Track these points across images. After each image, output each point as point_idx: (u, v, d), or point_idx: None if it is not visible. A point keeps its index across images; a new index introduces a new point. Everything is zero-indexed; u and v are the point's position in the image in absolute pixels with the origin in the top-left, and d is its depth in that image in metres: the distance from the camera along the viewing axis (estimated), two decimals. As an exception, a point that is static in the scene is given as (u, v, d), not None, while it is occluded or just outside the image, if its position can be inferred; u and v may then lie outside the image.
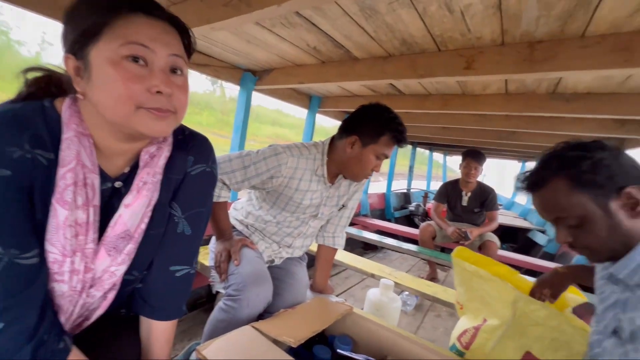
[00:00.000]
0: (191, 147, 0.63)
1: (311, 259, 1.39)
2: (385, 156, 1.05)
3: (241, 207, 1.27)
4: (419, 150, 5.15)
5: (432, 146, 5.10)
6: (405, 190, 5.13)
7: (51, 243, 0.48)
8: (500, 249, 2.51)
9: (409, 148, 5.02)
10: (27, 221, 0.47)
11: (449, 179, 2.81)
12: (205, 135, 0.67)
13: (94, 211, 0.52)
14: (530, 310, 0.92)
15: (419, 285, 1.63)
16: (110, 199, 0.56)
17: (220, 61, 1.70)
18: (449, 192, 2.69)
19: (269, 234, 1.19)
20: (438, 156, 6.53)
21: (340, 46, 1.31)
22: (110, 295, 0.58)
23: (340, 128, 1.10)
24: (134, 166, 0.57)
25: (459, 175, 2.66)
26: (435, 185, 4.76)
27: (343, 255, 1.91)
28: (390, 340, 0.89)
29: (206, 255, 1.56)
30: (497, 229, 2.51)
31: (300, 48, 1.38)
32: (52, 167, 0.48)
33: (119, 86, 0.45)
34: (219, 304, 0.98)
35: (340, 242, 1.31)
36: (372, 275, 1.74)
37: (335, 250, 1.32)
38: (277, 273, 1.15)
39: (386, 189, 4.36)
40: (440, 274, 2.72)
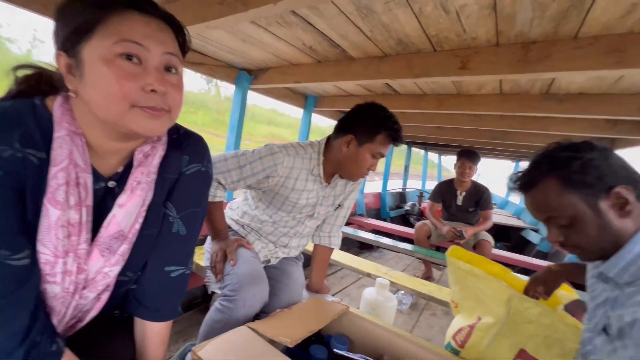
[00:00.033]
0: (186, 147, 0.62)
1: (307, 259, 1.38)
2: (381, 155, 1.05)
3: (237, 207, 1.26)
4: (414, 150, 5.18)
5: (427, 146, 5.13)
6: (401, 190, 5.15)
7: (43, 244, 0.48)
8: (495, 247, 2.53)
9: (404, 148, 5.05)
10: (18, 221, 0.46)
11: (444, 179, 2.83)
12: (200, 134, 0.66)
13: (86, 211, 0.51)
14: (524, 308, 0.93)
15: (414, 284, 1.64)
16: (104, 199, 0.55)
17: (215, 60, 1.69)
18: (444, 192, 2.71)
19: (265, 233, 1.18)
20: (433, 156, 6.57)
21: (336, 46, 1.31)
22: (104, 297, 0.57)
23: (336, 127, 1.10)
24: (127, 165, 0.57)
25: (453, 175, 2.68)
26: (430, 185, 4.80)
27: (339, 255, 1.91)
28: (387, 339, 0.90)
29: (201, 255, 1.55)
30: (491, 228, 2.54)
31: (296, 47, 1.38)
32: (44, 167, 0.47)
33: (112, 84, 0.44)
34: (215, 305, 0.97)
35: (337, 242, 1.31)
36: (368, 275, 1.74)
37: (331, 250, 1.32)
38: (273, 273, 1.15)
39: (382, 188, 4.38)
40: (435, 272, 2.74)
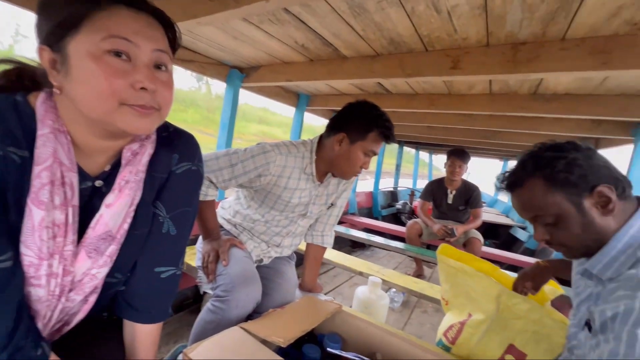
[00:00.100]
0: (176, 145, 0.61)
1: (300, 258, 1.38)
2: (374, 153, 1.06)
3: (229, 206, 1.25)
4: (405, 149, 5.22)
5: (419, 145, 5.18)
6: (392, 189, 5.19)
7: (26, 245, 0.46)
8: (484, 245, 2.58)
9: (396, 147, 5.09)
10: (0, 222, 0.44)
11: (435, 178, 2.86)
12: (190, 132, 0.65)
13: (73, 211, 0.49)
14: (512, 304, 0.95)
15: (406, 282, 1.65)
16: (91, 198, 0.54)
17: (206, 57, 1.67)
18: (435, 191, 2.74)
19: (258, 233, 1.18)
20: (424, 155, 6.64)
21: (328, 44, 1.30)
22: (92, 299, 0.56)
23: (328, 126, 1.10)
24: (115, 164, 0.55)
25: (444, 174, 2.72)
26: (421, 184, 4.85)
27: (331, 254, 1.92)
28: (379, 337, 0.90)
29: (193, 255, 1.53)
30: (481, 226, 2.58)
31: (289, 45, 1.37)
32: (27, 166, 0.46)
33: (100, 81, 0.43)
34: (207, 305, 0.96)
35: (329, 241, 1.31)
36: (360, 273, 1.75)
37: (324, 249, 1.32)
38: (266, 272, 1.14)
39: (373, 187, 4.41)
40: (426, 270, 2.77)
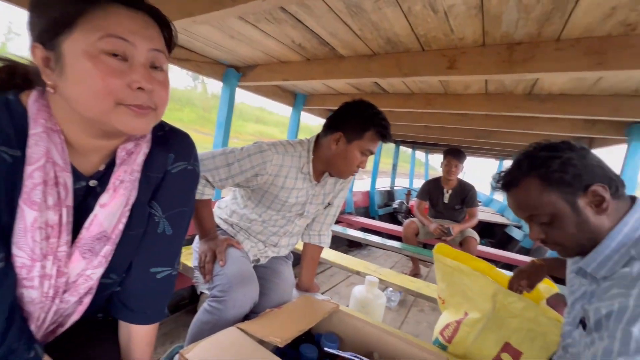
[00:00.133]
0: (172, 144, 0.60)
1: (297, 258, 1.38)
2: (370, 152, 1.06)
3: (225, 206, 1.24)
4: (402, 149, 5.24)
5: (415, 145, 5.20)
6: (389, 188, 5.21)
7: (18, 246, 0.45)
8: (480, 244, 2.59)
9: (392, 147, 5.10)
10: None
11: (431, 177, 2.87)
12: (186, 132, 0.65)
13: (67, 212, 0.49)
14: (508, 303, 0.95)
15: (402, 281, 1.66)
16: (85, 198, 0.53)
17: (202, 56, 1.66)
18: (431, 190, 2.76)
19: (254, 233, 1.17)
20: (420, 155, 6.66)
21: (325, 43, 1.30)
22: (86, 300, 0.55)
23: (325, 125, 1.10)
24: (110, 164, 0.54)
25: (440, 174, 2.73)
26: (418, 183, 4.87)
27: (328, 253, 1.92)
28: (376, 336, 0.90)
29: (189, 255, 1.52)
30: (477, 225, 2.60)
31: (285, 44, 1.37)
32: (19, 165, 0.45)
33: (97, 81, 0.42)
34: (204, 306, 0.96)
35: (326, 241, 1.31)
36: (357, 273, 1.76)
37: (321, 249, 1.32)
38: (263, 272, 1.14)
39: (370, 186, 4.42)
40: (422, 269, 2.78)
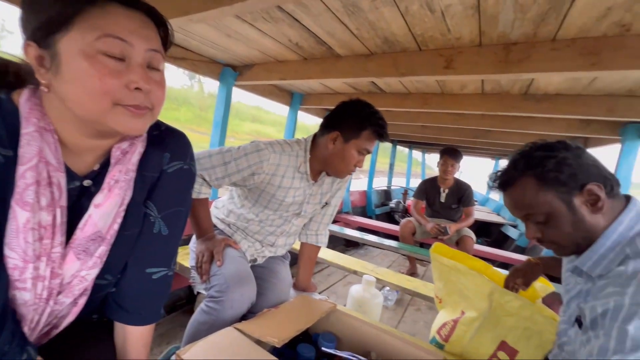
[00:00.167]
0: (167, 144, 0.60)
1: (294, 257, 1.38)
2: (367, 151, 1.05)
3: (222, 206, 1.24)
4: (398, 148, 5.25)
5: (412, 144, 5.21)
6: (386, 188, 5.22)
7: (10, 248, 0.45)
8: (476, 243, 2.61)
9: (389, 146, 5.11)
10: None
11: (428, 177, 2.88)
12: (182, 131, 0.64)
13: (61, 212, 0.48)
14: (504, 302, 0.96)
15: (399, 281, 1.66)
16: (79, 198, 0.53)
17: (198, 55, 1.65)
18: (428, 189, 2.77)
19: (252, 232, 1.17)
20: (417, 154, 6.68)
21: (322, 43, 1.30)
22: (81, 301, 0.55)
23: (322, 125, 1.10)
24: (104, 163, 0.54)
25: (437, 173, 2.74)
26: (415, 183, 4.89)
27: (325, 253, 1.92)
28: (373, 335, 0.90)
29: (185, 255, 1.51)
30: (473, 224, 2.61)
31: (282, 44, 1.36)
32: (10, 165, 0.44)
33: (94, 81, 0.42)
34: (201, 306, 0.95)
35: (324, 240, 1.30)
36: (355, 272, 1.76)
37: (318, 248, 1.32)
38: (260, 272, 1.14)
39: (367, 186, 4.42)
40: (419, 269, 2.79)
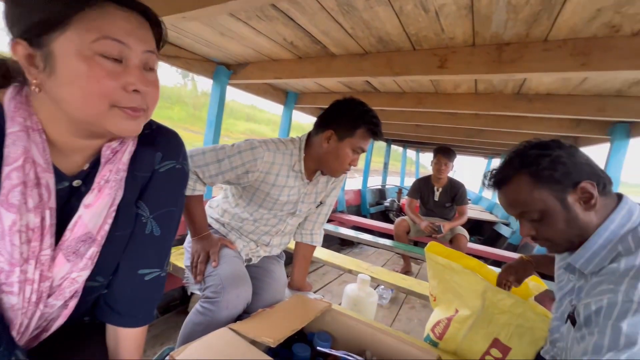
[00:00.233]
0: (159, 143, 0.59)
1: (289, 257, 1.37)
2: (362, 149, 1.05)
3: (217, 205, 1.23)
4: (393, 148, 5.28)
5: (406, 143, 5.24)
6: (381, 187, 5.24)
7: None
8: (469, 241, 2.63)
9: (384, 145, 5.14)
10: None
11: (422, 176, 2.90)
12: (175, 130, 0.63)
13: (50, 214, 0.47)
14: (497, 300, 0.97)
15: (394, 279, 1.67)
16: (69, 199, 0.51)
17: (192, 53, 1.63)
18: (422, 188, 2.78)
19: (246, 232, 1.16)
20: (411, 153, 6.72)
21: (317, 42, 1.30)
22: (72, 304, 0.53)
23: (316, 123, 1.09)
24: (94, 163, 0.53)
25: (431, 172, 2.76)
26: (409, 182, 4.91)
27: (320, 252, 1.92)
28: (369, 334, 0.91)
29: (179, 256, 1.50)
30: (466, 223, 2.64)
31: (277, 42, 1.36)
32: None
33: (92, 84, 0.42)
34: (196, 307, 0.94)
35: (319, 240, 1.30)
36: (350, 271, 1.76)
37: (313, 248, 1.31)
38: (255, 272, 1.13)
39: (362, 185, 4.44)
40: (414, 267, 2.81)
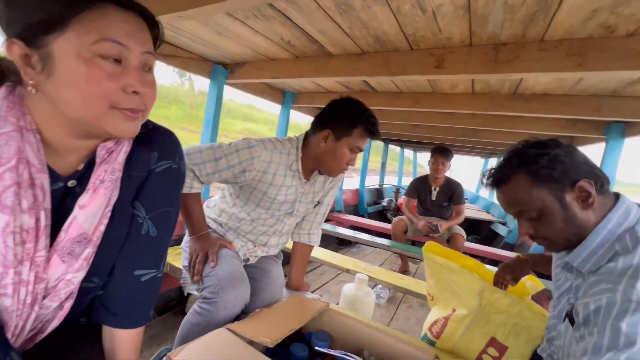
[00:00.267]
0: (155, 142, 0.59)
1: (286, 256, 1.37)
2: (359, 149, 1.05)
3: (214, 205, 1.22)
4: (390, 147, 5.29)
5: (403, 143, 5.25)
6: (378, 186, 5.25)
7: None
8: (466, 240, 2.64)
9: (381, 145, 5.14)
10: None
11: (419, 175, 2.91)
12: (172, 130, 0.63)
13: (45, 215, 0.47)
14: (494, 299, 0.98)
15: (391, 278, 1.68)
16: (64, 200, 0.51)
17: (189, 52, 1.62)
18: (419, 188, 2.79)
19: (244, 232, 1.16)
20: (409, 153, 6.74)
21: (314, 41, 1.29)
22: (67, 305, 0.53)
23: (313, 123, 1.09)
24: (89, 163, 0.52)
25: (428, 171, 2.77)
26: (406, 181, 4.93)
27: (318, 251, 1.92)
28: (366, 333, 0.91)
29: (176, 256, 1.49)
30: (463, 222, 2.65)
31: (274, 42, 1.35)
32: None
33: (92, 85, 0.42)
34: (194, 307, 0.94)
35: (316, 239, 1.30)
36: (347, 271, 1.76)
37: (311, 247, 1.31)
38: (253, 272, 1.13)
39: (359, 184, 4.44)
40: (411, 266, 2.82)
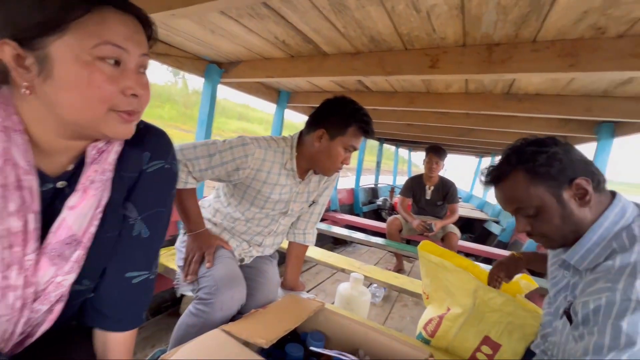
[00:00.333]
0: (147, 142, 0.58)
1: (281, 256, 1.37)
2: (354, 148, 1.05)
3: (209, 205, 1.22)
4: (385, 147, 5.31)
5: (398, 142, 5.27)
6: (373, 185, 5.27)
7: None
8: (460, 239, 2.67)
9: (376, 144, 5.16)
10: None
11: (414, 174, 2.93)
12: (166, 129, 0.62)
13: (34, 218, 0.46)
14: (488, 298, 0.99)
15: (386, 277, 1.68)
16: (53, 201, 0.50)
17: (182, 51, 1.60)
18: (414, 187, 2.81)
19: (239, 232, 1.15)
20: (403, 152, 6.77)
21: (309, 41, 1.29)
22: (57, 308, 0.52)
23: (307, 122, 1.09)
24: (79, 163, 0.51)
25: (422, 171, 2.78)
26: (401, 180, 4.95)
27: (313, 251, 1.92)
28: (362, 333, 0.91)
29: (170, 257, 1.48)
30: (457, 221, 2.67)
31: (269, 41, 1.35)
32: None
33: (93, 89, 0.42)
34: (189, 308, 0.93)
35: (311, 239, 1.30)
36: (342, 270, 1.77)
37: (306, 247, 1.31)
38: (248, 272, 1.12)
39: (354, 184, 4.45)
40: (406, 265, 2.84)
